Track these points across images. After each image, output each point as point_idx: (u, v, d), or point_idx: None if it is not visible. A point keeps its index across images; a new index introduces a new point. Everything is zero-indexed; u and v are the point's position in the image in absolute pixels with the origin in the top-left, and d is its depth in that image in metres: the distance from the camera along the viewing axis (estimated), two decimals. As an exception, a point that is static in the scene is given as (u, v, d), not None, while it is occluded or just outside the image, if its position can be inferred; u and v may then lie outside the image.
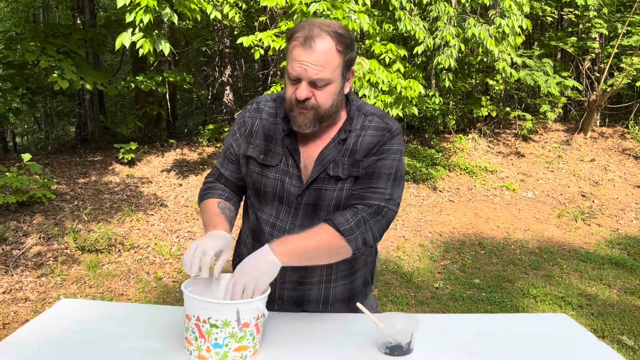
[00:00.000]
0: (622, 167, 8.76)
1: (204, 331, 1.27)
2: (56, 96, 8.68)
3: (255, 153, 1.57)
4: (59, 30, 6.79)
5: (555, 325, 1.58)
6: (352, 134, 1.52)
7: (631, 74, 8.95)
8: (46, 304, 4.03)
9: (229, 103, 9.23)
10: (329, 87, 1.42)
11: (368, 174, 1.50)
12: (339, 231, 1.42)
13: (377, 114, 1.55)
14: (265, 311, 1.33)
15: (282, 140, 1.55)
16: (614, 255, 5.56)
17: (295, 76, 1.39)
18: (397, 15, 5.97)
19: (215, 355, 1.27)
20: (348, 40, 1.42)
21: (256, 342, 1.33)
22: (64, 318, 1.53)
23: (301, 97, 1.40)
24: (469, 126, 10.12)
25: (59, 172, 6.70)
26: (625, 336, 3.71)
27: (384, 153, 1.50)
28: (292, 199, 1.54)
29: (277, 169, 1.54)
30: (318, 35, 1.37)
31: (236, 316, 1.26)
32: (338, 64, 1.41)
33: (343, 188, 1.52)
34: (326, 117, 1.47)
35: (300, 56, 1.37)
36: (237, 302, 1.27)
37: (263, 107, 1.61)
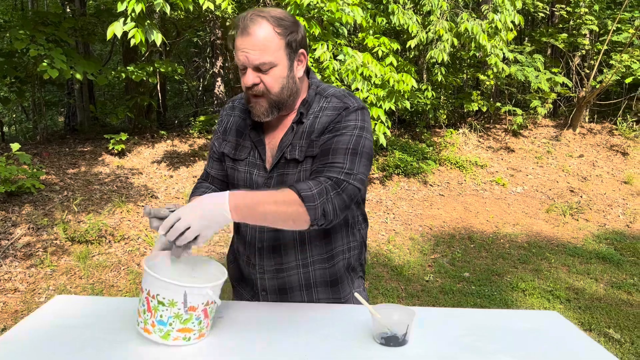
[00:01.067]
0: (610, 163, 8.85)
1: (152, 306, 1.29)
2: (45, 85, 8.58)
3: (227, 149, 1.62)
4: (48, 19, 6.71)
5: (547, 322, 1.60)
6: (309, 116, 1.52)
7: (620, 70, 9.03)
8: (36, 295, 4.01)
9: (220, 94, 9.19)
10: (273, 70, 1.42)
11: (325, 150, 1.46)
12: (300, 197, 1.34)
13: (336, 95, 1.53)
14: (217, 299, 1.34)
15: (249, 134, 1.58)
16: (601, 250, 5.63)
17: (241, 64, 1.41)
18: (390, 8, 5.97)
19: (158, 332, 1.30)
20: (287, 22, 1.42)
21: (203, 326, 1.34)
22: (58, 314, 1.51)
23: (248, 84, 1.41)
24: (460, 121, 10.16)
25: (48, 162, 6.64)
26: (612, 329, 3.77)
27: (340, 130, 1.46)
28: (260, 189, 1.54)
29: (246, 162, 1.58)
30: (253, 21, 1.38)
31: (183, 298, 1.28)
32: (279, 46, 1.40)
33: (302, 169, 1.50)
34: (281, 102, 1.46)
35: (240, 44, 1.39)
36: (186, 285, 1.27)
37: (237, 104, 1.65)
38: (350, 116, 1.47)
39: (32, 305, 3.86)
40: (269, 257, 1.60)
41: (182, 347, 1.32)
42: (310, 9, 5.05)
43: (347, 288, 1.71)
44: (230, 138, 1.62)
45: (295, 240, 1.59)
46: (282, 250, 1.59)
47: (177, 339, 1.32)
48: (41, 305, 3.83)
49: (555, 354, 1.39)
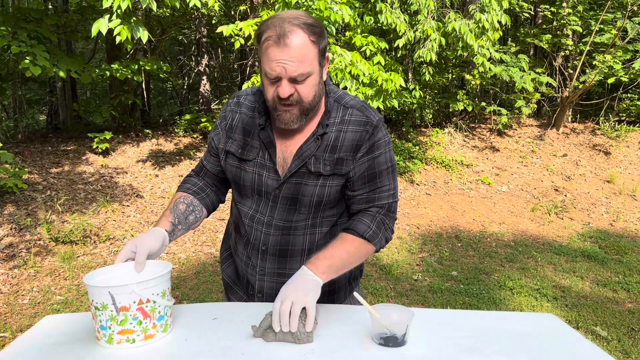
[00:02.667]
0: (593, 162, 8.97)
1: (93, 313, 1.32)
2: (26, 83, 8.43)
3: (233, 147, 1.56)
4: (30, 15, 6.58)
5: (544, 325, 1.61)
6: (331, 128, 1.50)
7: (603, 71, 9.15)
8: (19, 297, 3.93)
9: (205, 93, 9.11)
10: (309, 79, 1.40)
11: (369, 174, 1.52)
12: (364, 238, 1.49)
13: (356, 107, 1.53)
14: (156, 298, 1.32)
15: (259, 134, 1.53)
16: (586, 248, 5.70)
17: (275, 76, 1.37)
18: (378, 7, 5.97)
19: (103, 337, 1.32)
20: (318, 29, 1.40)
21: (147, 327, 1.32)
22: (49, 335, 1.47)
23: (284, 96, 1.38)
24: (445, 120, 10.22)
25: (31, 161, 6.52)
26: (599, 327, 3.81)
27: (375, 150, 1.51)
28: (270, 191, 1.53)
29: (255, 163, 1.53)
30: (290, 31, 1.34)
31: (111, 300, 1.28)
32: (314, 55, 1.39)
33: (325, 184, 1.51)
34: (310, 109, 1.45)
35: (276, 55, 1.34)
36: (108, 286, 1.28)
37: (243, 101, 1.59)
38: (379, 133, 1.51)
39: (15, 307, 3.78)
40: (272, 260, 1.58)
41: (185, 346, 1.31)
42: (298, 7, 5.02)
43: (342, 296, 1.71)
44: (237, 136, 1.56)
45: (304, 249, 1.58)
46: (288, 255, 1.57)
47: (121, 342, 1.31)
48: (25, 307, 3.76)
49: (554, 354, 1.40)
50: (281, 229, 1.55)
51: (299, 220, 1.55)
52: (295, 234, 1.56)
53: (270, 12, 5.15)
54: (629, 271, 5.04)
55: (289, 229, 1.56)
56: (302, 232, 1.57)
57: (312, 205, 1.53)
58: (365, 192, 1.54)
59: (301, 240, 1.56)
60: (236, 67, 11.71)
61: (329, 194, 1.52)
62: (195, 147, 7.74)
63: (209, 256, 4.90)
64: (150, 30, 7.92)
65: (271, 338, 1.34)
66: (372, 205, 1.54)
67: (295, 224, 1.56)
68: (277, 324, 1.32)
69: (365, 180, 1.52)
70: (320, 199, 1.52)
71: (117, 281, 1.38)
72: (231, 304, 1.63)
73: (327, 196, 1.52)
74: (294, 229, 1.56)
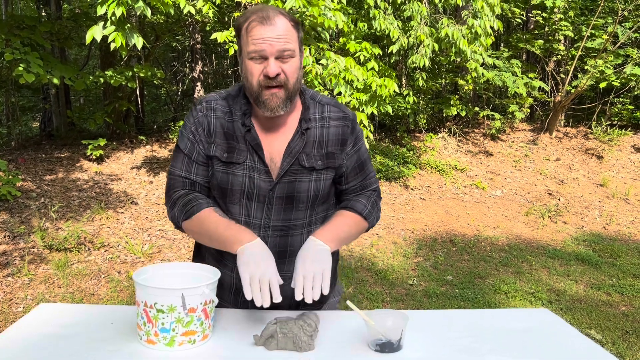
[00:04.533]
0: (586, 166, 9.03)
1: (152, 316, 1.31)
2: (20, 90, 8.40)
3: (218, 152, 1.52)
4: (23, 22, 6.57)
5: (538, 320, 1.62)
6: (312, 123, 1.55)
7: (595, 75, 9.23)
8: (13, 305, 3.91)
9: (200, 99, 9.11)
10: (293, 60, 1.43)
11: (357, 166, 1.64)
12: (361, 215, 1.60)
13: (331, 103, 1.61)
14: (214, 297, 1.38)
15: (244, 137, 1.51)
16: (579, 252, 5.73)
17: (260, 54, 1.39)
18: (371, 13, 6.00)
19: (162, 340, 1.32)
20: (296, 19, 1.48)
21: (205, 327, 1.36)
22: (43, 323, 1.47)
23: (273, 73, 1.39)
24: (439, 125, 10.26)
25: (24, 168, 6.50)
26: (594, 330, 3.83)
27: (357, 142, 1.63)
28: (264, 194, 1.52)
29: (244, 166, 1.51)
30: (274, 14, 1.41)
31: (182, 301, 1.30)
32: (296, 39, 1.45)
33: (320, 179, 1.56)
34: (293, 94, 1.47)
35: (262, 33, 1.38)
36: (182, 288, 1.31)
37: (215, 105, 1.54)
38: (356, 127, 1.62)
39: (9, 315, 3.76)
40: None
41: (184, 352, 1.32)
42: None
43: (330, 294, 1.72)
44: (219, 140, 1.52)
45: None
46: (287, 256, 1.56)
47: (183, 344, 1.33)
48: (19, 315, 3.74)
49: (549, 350, 1.41)
50: (279, 230, 1.55)
51: (297, 218, 1.56)
52: (293, 234, 1.57)
53: (264, 19, 5.17)
54: (623, 274, 5.07)
55: (287, 228, 1.56)
56: (300, 232, 1.57)
57: (309, 201, 1.55)
58: (358, 182, 1.66)
59: (299, 240, 1.56)
60: (230, 73, 11.72)
61: (323, 187, 1.57)
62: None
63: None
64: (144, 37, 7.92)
65: (273, 347, 1.34)
66: (366, 190, 1.68)
67: (294, 223, 1.56)
68: (300, 295, 1.35)
69: (357, 171, 1.65)
70: (317, 193, 1.56)
71: (157, 282, 1.42)
72: (231, 312, 1.63)
73: (322, 190, 1.57)
74: (292, 229, 1.56)
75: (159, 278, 1.46)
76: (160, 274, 1.48)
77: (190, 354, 1.32)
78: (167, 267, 1.51)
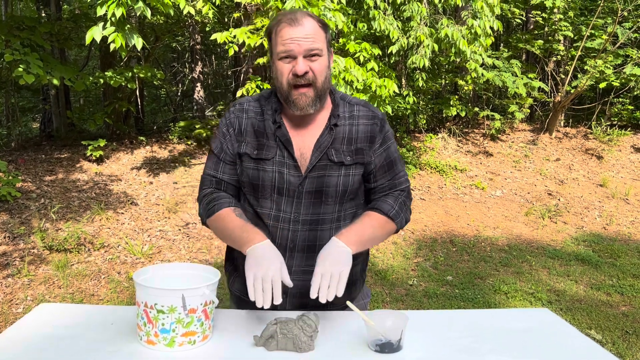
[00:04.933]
0: (586, 167, 9.03)
1: (152, 317, 1.31)
2: (19, 91, 8.40)
3: (248, 149, 1.59)
4: (23, 23, 6.57)
5: (538, 320, 1.62)
6: (342, 120, 1.60)
7: (594, 76, 9.23)
8: (13, 305, 3.91)
9: (199, 100, 9.12)
10: (321, 59, 1.49)
11: (387, 164, 1.65)
12: (388, 216, 1.60)
13: (361, 103, 1.65)
14: (214, 298, 1.38)
15: (275, 134, 1.57)
16: (579, 252, 5.73)
17: (289, 53, 1.46)
18: (371, 14, 6.00)
19: (163, 341, 1.32)
20: (324, 22, 1.54)
21: (205, 328, 1.37)
22: (43, 324, 1.47)
23: (301, 71, 1.45)
24: (439, 126, 10.26)
25: (24, 169, 6.50)
26: (594, 330, 3.83)
27: (386, 141, 1.64)
28: (293, 188, 1.57)
29: (273, 162, 1.57)
30: (302, 16, 1.47)
31: (182, 302, 1.30)
32: (324, 39, 1.51)
33: (349, 174, 1.59)
34: (323, 93, 1.53)
35: (290, 34, 1.45)
36: (182, 289, 1.31)
37: (247, 107, 1.64)
38: (385, 126, 1.65)
39: (9, 316, 3.76)
40: (300, 257, 1.60)
41: (184, 353, 1.32)
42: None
43: (358, 289, 1.75)
44: (249, 139, 1.60)
45: None
46: (316, 251, 1.54)
47: (183, 344, 1.33)
48: (19, 316, 3.74)
49: (550, 350, 1.41)
50: (309, 224, 1.59)
51: (326, 212, 1.60)
52: (322, 229, 1.60)
53: (264, 20, 5.18)
54: (623, 274, 5.07)
55: (316, 222, 1.59)
56: (329, 227, 1.60)
57: (338, 196, 1.59)
58: (387, 180, 1.66)
59: (327, 235, 1.58)
60: (230, 74, 11.73)
61: (352, 182, 1.60)
62: (190, 153, 7.73)
63: (204, 263, 4.89)
64: (144, 38, 7.93)
65: (273, 347, 1.35)
66: (394, 190, 1.67)
67: (323, 217, 1.60)
68: (315, 293, 1.37)
69: (385, 170, 1.65)
70: (345, 188, 1.59)
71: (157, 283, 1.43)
72: (231, 313, 1.63)
73: (351, 185, 1.60)
74: (322, 223, 1.60)
75: (159, 279, 1.47)
76: (160, 274, 1.48)
77: (190, 355, 1.32)
78: (168, 268, 1.52)
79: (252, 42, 4.97)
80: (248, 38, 4.96)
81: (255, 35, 5.06)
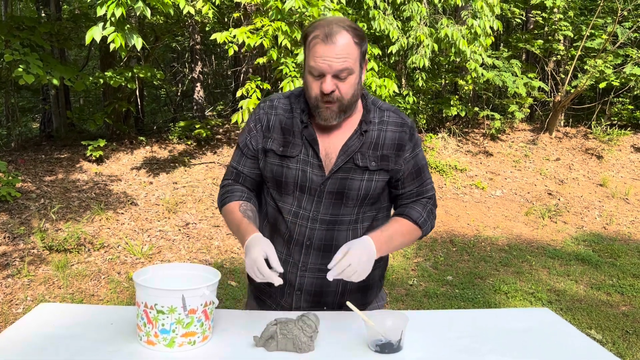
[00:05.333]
0: (586, 166, 9.03)
1: (151, 317, 1.31)
2: (19, 91, 8.40)
3: (274, 146, 1.62)
4: (23, 23, 6.57)
5: (539, 319, 1.62)
6: (371, 126, 1.61)
7: (594, 75, 9.22)
8: (13, 306, 3.91)
9: (199, 100, 9.12)
10: (350, 77, 1.49)
11: (415, 171, 1.67)
12: (416, 224, 1.64)
13: (391, 110, 1.67)
14: (214, 298, 1.39)
15: (301, 132, 1.60)
16: (579, 252, 5.73)
17: (319, 72, 1.47)
18: (371, 14, 6.00)
19: (162, 341, 1.32)
20: (361, 32, 1.52)
21: (205, 328, 1.37)
22: (43, 324, 1.47)
23: (327, 91, 1.47)
24: (439, 125, 10.26)
25: (24, 169, 6.50)
26: (594, 330, 3.83)
27: (414, 149, 1.66)
28: (315, 187, 1.59)
29: (298, 160, 1.59)
30: (337, 31, 1.45)
31: (182, 302, 1.30)
32: (357, 56, 1.50)
33: (372, 179, 1.60)
34: (349, 107, 1.55)
35: (323, 52, 1.45)
36: (183, 289, 1.32)
37: (277, 104, 1.67)
38: (415, 133, 1.67)
39: (9, 316, 3.76)
40: (316, 254, 1.61)
41: (184, 354, 1.32)
42: (292, 14, 5.05)
43: (374, 293, 1.77)
44: (275, 135, 1.62)
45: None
46: (332, 251, 1.55)
47: (183, 345, 1.33)
48: (19, 316, 3.73)
49: (550, 349, 1.41)
50: (327, 223, 1.60)
51: (345, 214, 1.61)
52: (339, 229, 1.61)
53: (264, 20, 5.18)
54: (623, 274, 5.07)
55: (334, 223, 1.61)
56: (346, 228, 1.62)
57: (359, 199, 1.60)
58: (415, 187, 1.68)
59: (344, 236, 1.61)
60: (230, 74, 11.73)
61: (375, 188, 1.61)
62: (190, 153, 7.73)
63: (204, 263, 4.89)
64: (144, 38, 7.93)
65: (273, 348, 1.35)
66: (422, 197, 1.69)
67: (341, 218, 1.61)
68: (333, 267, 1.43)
69: (413, 177, 1.67)
70: (367, 192, 1.60)
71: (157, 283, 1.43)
72: (231, 313, 1.63)
73: (373, 190, 1.61)
74: (339, 224, 1.61)
75: (159, 279, 1.47)
76: (160, 274, 1.48)
77: (190, 355, 1.32)
78: (167, 268, 1.52)
79: (252, 42, 4.96)
80: (248, 38, 4.96)
81: (255, 35, 5.06)
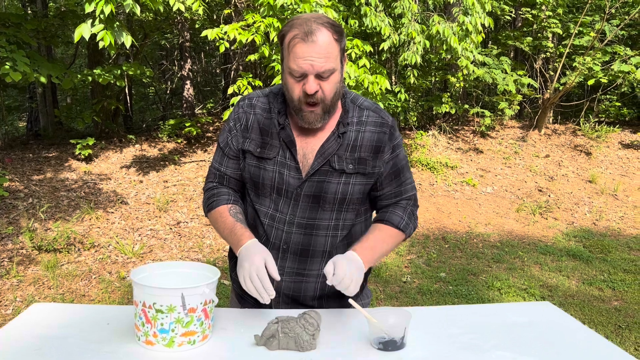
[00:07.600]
0: (575, 163, 9.09)
1: (150, 316, 1.28)
2: (5, 89, 8.28)
3: (252, 147, 1.58)
4: (9, 20, 6.46)
5: (540, 313, 1.61)
6: (350, 127, 1.56)
7: (583, 73, 9.29)
8: (2, 307, 3.84)
9: (189, 97, 9.05)
10: (332, 76, 1.45)
11: (393, 172, 1.62)
12: (398, 229, 1.61)
13: (371, 108, 1.60)
14: (214, 297, 1.36)
15: (278, 134, 1.55)
16: (571, 248, 5.76)
17: (301, 73, 1.41)
18: (362, 11, 5.98)
19: (162, 341, 1.29)
20: (339, 28, 1.47)
21: (205, 327, 1.34)
22: (37, 324, 1.44)
23: (311, 91, 1.42)
24: (429, 123, 10.28)
25: (11, 168, 6.40)
26: (587, 325, 3.85)
27: (395, 149, 1.60)
28: (292, 190, 1.55)
29: (275, 162, 1.55)
30: (317, 29, 1.40)
31: (181, 301, 1.28)
32: (337, 53, 1.45)
33: (349, 182, 1.56)
34: (332, 107, 1.50)
35: (304, 52, 1.39)
36: (182, 287, 1.29)
37: (256, 102, 1.61)
38: (395, 133, 1.61)
39: (-2, 317, 3.69)
40: (293, 259, 1.58)
41: (184, 353, 1.30)
42: (284, 11, 5.02)
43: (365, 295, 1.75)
44: (254, 136, 1.58)
45: (325, 251, 1.58)
46: (309, 256, 1.57)
47: (182, 344, 1.30)
48: (8, 318, 3.67)
49: (553, 343, 1.40)
50: (304, 227, 1.57)
51: (322, 218, 1.57)
52: (317, 234, 1.58)
53: (255, 16, 5.14)
54: (614, 269, 5.11)
55: (311, 227, 1.57)
56: (325, 233, 1.58)
57: (336, 203, 1.56)
58: (393, 189, 1.64)
59: (322, 242, 1.58)
60: (219, 72, 11.66)
61: (352, 192, 1.56)
62: (180, 152, 7.67)
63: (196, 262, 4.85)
64: (133, 35, 7.84)
65: (274, 347, 1.32)
66: (401, 198, 1.65)
67: (319, 223, 1.57)
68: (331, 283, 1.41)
69: (391, 178, 1.63)
70: (344, 196, 1.56)
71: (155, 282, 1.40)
72: (231, 312, 1.60)
73: (351, 194, 1.56)
74: (317, 228, 1.57)
75: (157, 277, 1.44)
76: (157, 273, 1.45)
77: (190, 355, 1.30)
78: (165, 266, 1.49)
79: (244, 38, 4.92)
80: (239, 34, 4.91)
81: (247, 31, 5.02)
